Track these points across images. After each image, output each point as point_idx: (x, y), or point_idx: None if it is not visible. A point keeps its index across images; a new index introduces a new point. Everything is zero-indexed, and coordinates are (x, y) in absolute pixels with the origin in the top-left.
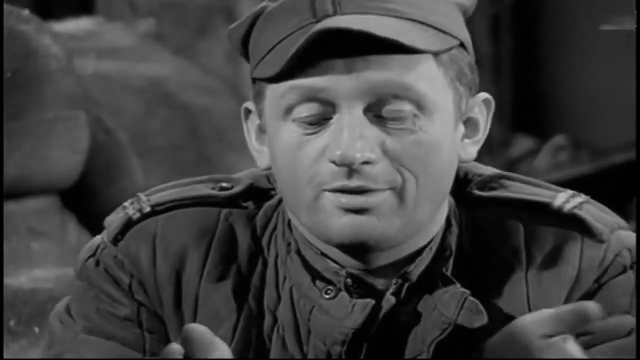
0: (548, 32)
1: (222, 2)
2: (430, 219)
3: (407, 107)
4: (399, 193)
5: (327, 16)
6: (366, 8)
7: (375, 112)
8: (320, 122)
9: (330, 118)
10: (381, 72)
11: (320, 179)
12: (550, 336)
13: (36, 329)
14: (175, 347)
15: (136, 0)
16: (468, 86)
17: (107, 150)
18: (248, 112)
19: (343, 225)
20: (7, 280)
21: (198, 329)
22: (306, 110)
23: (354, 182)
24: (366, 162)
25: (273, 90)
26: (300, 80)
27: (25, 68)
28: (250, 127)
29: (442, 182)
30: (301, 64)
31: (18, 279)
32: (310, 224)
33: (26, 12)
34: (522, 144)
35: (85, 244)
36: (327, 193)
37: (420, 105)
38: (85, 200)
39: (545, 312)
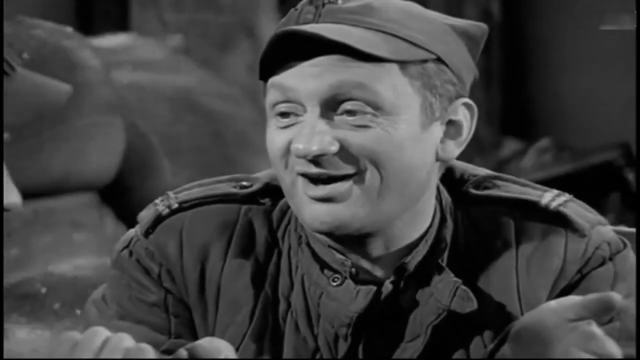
0: (533, 47)
1: (243, 20)
2: (407, 211)
3: (363, 107)
4: (361, 183)
5: (305, 23)
6: (343, 20)
7: (335, 110)
8: (292, 117)
9: (300, 115)
10: (339, 74)
11: (291, 164)
12: (575, 320)
13: (78, 311)
14: (182, 351)
15: (166, 18)
16: (444, 96)
17: (140, 152)
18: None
19: (312, 212)
20: (52, 268)
21: (202, 344)
22: (283, 107)
23: (314, 169)
24: (322, 154)
25: (266, 88)
26: (276, 78)
27: (68, 79)
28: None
29: (410, 176)
30: (280, 65)
31: (61, 267)
32: (295, 211)
33: (69, 29)
34: (511, 146)
35: (120, 236)
36: (300, 179)
37: (377, 106)
38: (120, 197)
39: (572, 299)
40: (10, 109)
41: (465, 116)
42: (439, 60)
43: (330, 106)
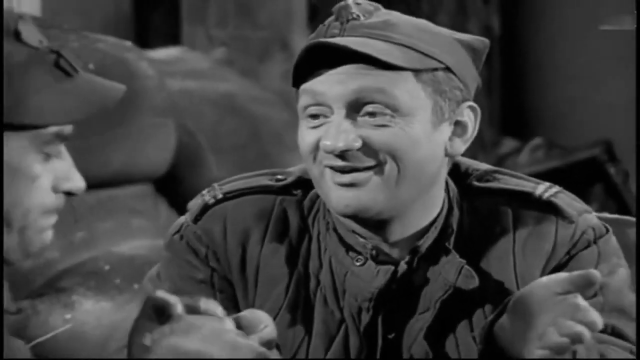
0: (528, 59)
1: (278, 35)
2: (419, 199)
3: (383, 109)
4: (381, 173)
5: (332, 37)
6: (365, 34)
7: (358, 111)
8: (321, 119)
9: (328, 116)
10: (362, 81)
11: (319, 158)
12: (563, 294)
13: (135, 286)
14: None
15: (212, 34)
16: (452, 100)
17: (189, 149)
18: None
19: (338, 197)
20: (114, 248)
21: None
22: (313, 109)
23: (340, 163)
24: (347, 150)
25: (299, 93)
26: (307, 85)
27: (128, 86)
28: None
29: (424, 169)
30: (310, 73)
31: (122, 248)
32: (323, 198)
33: (129, 43)
34: (508, 144)
35: (172, 221)
36: (327, 170)
37: (395, 109)
38: (172, 187)
39: (560, 275)
40: (73, 106)
41: (470, 117)
42: (447, 69)
43: (354, 108)
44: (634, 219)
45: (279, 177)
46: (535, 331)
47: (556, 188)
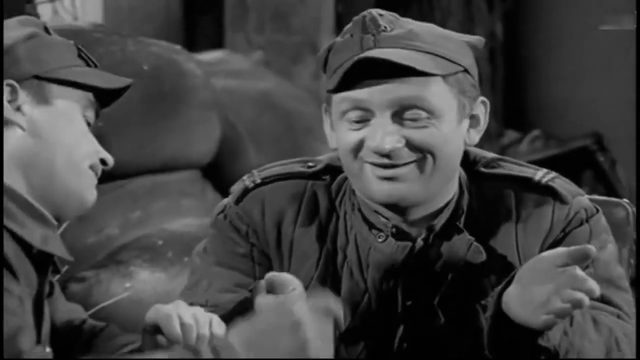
0: (527, 60)
1: (309, 39)
2: (444, 186)
3: (421, 113)
4: (419, 167)
5: (369, 49)
6: (396, 44)
7: (400, 116)
8: (361, 121)
9: (369, 120)
10: (402, 88)
11: (361, 155)
12: (562, 266)
13: (185, 259)
14: (261, 282)
15: (251, 39)
16: (470, 97)
17: (231, 139)
18: (325, 109)
19: (379, 189)
20: (166, 226)
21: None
22: (353, 115)
23: (384, 161)
24: (393, 150)
25: (335, 98)
26: (349, 93)
27: (178, 84)
28: (325, 119)
29: (452, 160)
30: (351, 82)
31: (173, 225)
32: (359, 188)
33: (178, 47)
34: (510, 136)
35: (217, 203)
36: (367, 165)
37: (430, 112)
38: (217, 173)
39: (559, 250)
40: (100, 78)
41: (482, 110)
42: (465, 70)
43: (397, 112)
44: (620, 200)
45: (310, 164)
46: (539, 299)
47: (553, 174)
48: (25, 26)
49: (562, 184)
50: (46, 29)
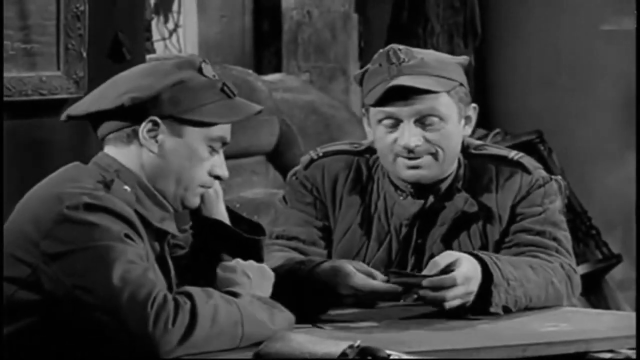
0: (492, 80)
1: (340, 66)
2: (450, 166)
3: (435, 119)
4: (434, 157)
5: (395, 76)
6: (413, 72)
7: (421, 122)
8: (394, 127)
9: (398, 125)
10: (421, 104)
11: (395, 150)
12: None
13: (255, 217)
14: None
15: (300, 65)
16: (465, 103)
17: (287, 135)
18: (363, 113)
19: (408, 173)
20: (242, 194)
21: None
22: (387, 122)
23: (410, 154)
24: (417, 146)
25: (372, 110)
26: (384, 108)
27: (250, 97)
28: (364, 119)
29: (455, 150)
30: (383, 99)
31: (247, 193)
32: (391, 171)
33: (250, 71)
34: (479, 132)
35: (278, 179)
36: (399, 158)
37: (441, 117)
38: (277, 158)
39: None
40: (230, 113)
41: (473, 112)
42: (461, 84)
43: (418, 120)
44: (555, 177)
45: (356, 145)
46: None
47: (521, 154)
48: (181, 70)
49: (528, 160)
50: (200, 69)
